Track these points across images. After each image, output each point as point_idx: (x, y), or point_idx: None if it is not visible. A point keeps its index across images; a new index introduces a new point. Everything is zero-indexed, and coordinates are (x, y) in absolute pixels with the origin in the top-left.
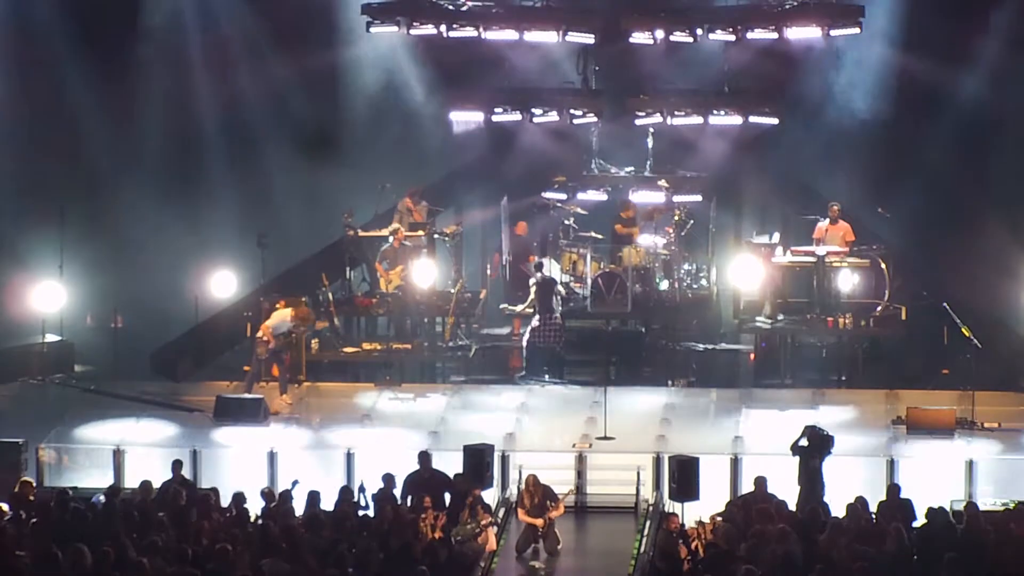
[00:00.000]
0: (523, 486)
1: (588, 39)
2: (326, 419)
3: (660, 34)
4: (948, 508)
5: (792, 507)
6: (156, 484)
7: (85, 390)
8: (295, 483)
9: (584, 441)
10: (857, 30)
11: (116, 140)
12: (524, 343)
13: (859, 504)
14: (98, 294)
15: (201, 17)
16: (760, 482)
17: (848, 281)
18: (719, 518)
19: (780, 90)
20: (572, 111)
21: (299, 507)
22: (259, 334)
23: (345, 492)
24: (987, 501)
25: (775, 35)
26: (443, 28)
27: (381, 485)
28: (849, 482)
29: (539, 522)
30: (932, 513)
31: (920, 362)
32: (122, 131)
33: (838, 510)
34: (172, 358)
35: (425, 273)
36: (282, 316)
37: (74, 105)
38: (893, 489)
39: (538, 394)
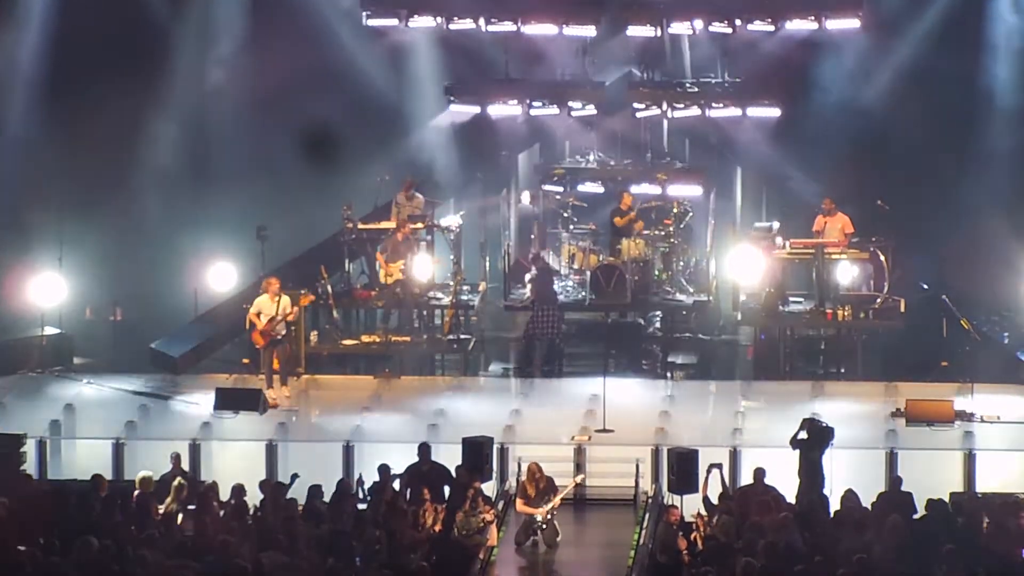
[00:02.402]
0: (525, 476)
1: (589, 32)
2: (325, 411)
3: (660, 26)
4: (947, 500)
5: (791, 499)
6: (155, 477)
7: (84, 383)
8: (295, 478)
9: (583, 433)
10: (857, 22)
11: (115, 134)
12: (523, 335)
13: (850, 496)
14: (97, 287)
15: (200, 13)
16: (759, 473)
17: (847, 273)
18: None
19: (780, 82)
20: (571, 103)
21: (299, 501)
22: (255, 328)
23: (343, 484)
24: (986, 494)
25: (772, 28)
26: (441, 21)
27: (377, 477)
28: (848, 474)
29: (541, 511)
30: (931, 505)
31: (919, 354)
32: (121, 125)
33: (838, 502)
34: (171, 350)
35: (424, 266)
36: (260, 303)
37: (73, 99)
38: (896, 481)
39: (537, 386)
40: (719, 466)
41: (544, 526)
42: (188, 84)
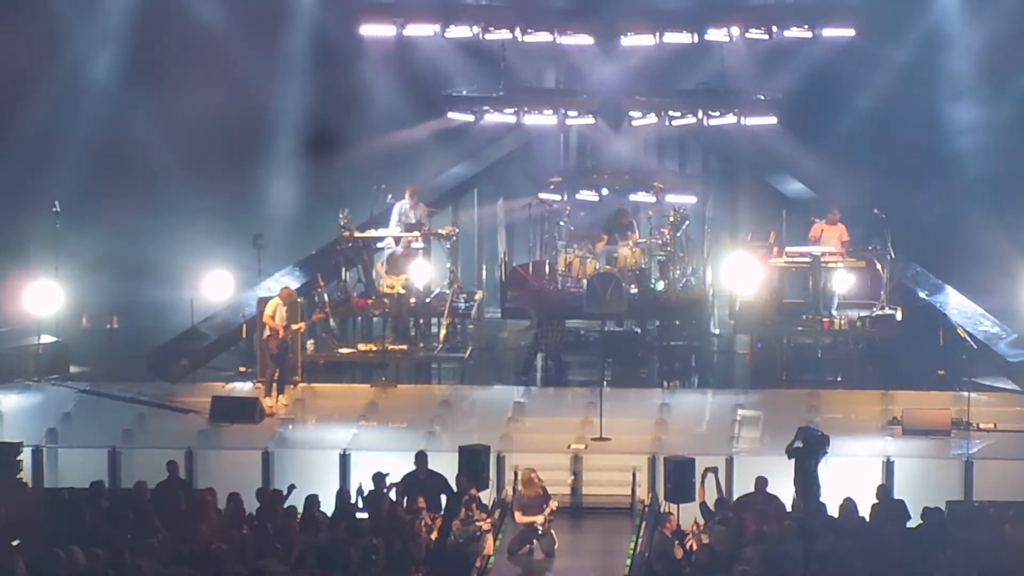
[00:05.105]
0: (521, 483)
1: (585, 41)
2: (322, 420)
3: (657, 35)
4: (944, 509)
5: (788, 508)
6: (152, 485)
7: (81, 391)
8: (292, 488)
9: (580, 442)
10: (852, 31)
11: (111, 140)
12: (530, 346)
13: (849, 505)
14: (94, 295)
15: (195, 17)
16: (760, 483)
17: (844, 282)
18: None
19: (776, 90)
20: (568, 112)
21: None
22: (265, 332)
23: (342, 494)
24: (983, 502)
25: (766, 36)
26: (438, 29)
27: (372, 486)
28: (845, 483)
29: (540, 518)
30: (928, 514)
31: (916, 363)
32: (117, 131)
33: (835, 511)
34: (168, 359)
35: (421, 274)
36: (274, 304)
37: (69, 105)
38: (883, 490)
39: (534, 395)
40: (715, 470)
41: (541, 534)
42: (186, 90)
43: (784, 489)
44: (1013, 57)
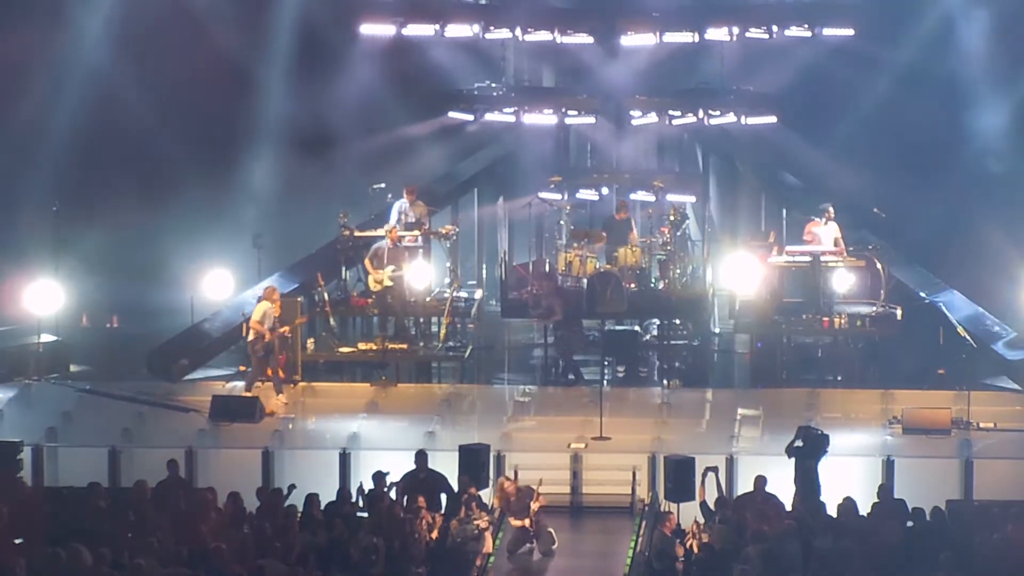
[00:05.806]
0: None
1: (586, 41)
2: (322, 419)
3: (657, 35)
4: (943, 508)
5: (788, 507)
6: (152, 485)
7: (81, 390)
8: (292, 487)
9: (580, 441)
10: (851, 31)
11: (110, 139)
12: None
13: (849, 505)
14: (94, 294)
15: (194, 16)
16: (759, 482)
17: (844, 281)
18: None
19: (776, 89)
20: (568, 111)
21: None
22: (251, 336)
23: (343, 493)
24: (983, 501)
25: (767, 36)
26: (438, 28)
27: (372, 485)
28: (845, 482)
29: (527, 522)
30: (916, 515)
31: (916, 362)
32: (117, 130)
33: (835, 510)
34: (168, 359)
35: (421, 274)
36: (263, 308)
37: (67, 103)
38: (884, 490)
39: (534, 394)
40: (715, 469)
41: (538, 534)
42: (185, 90)
43: (784, 489)
44: (1015, 57)
